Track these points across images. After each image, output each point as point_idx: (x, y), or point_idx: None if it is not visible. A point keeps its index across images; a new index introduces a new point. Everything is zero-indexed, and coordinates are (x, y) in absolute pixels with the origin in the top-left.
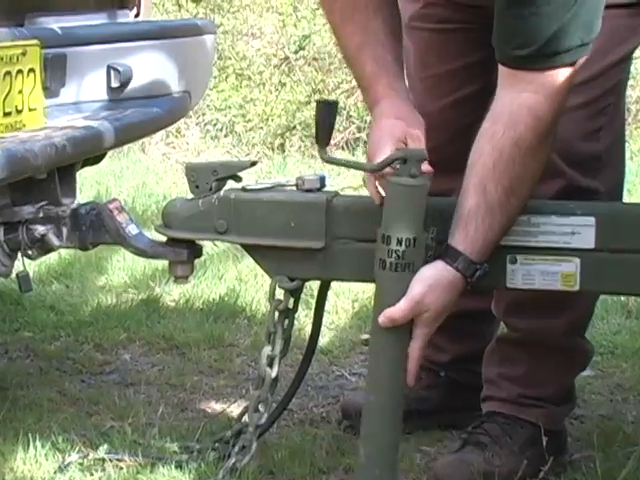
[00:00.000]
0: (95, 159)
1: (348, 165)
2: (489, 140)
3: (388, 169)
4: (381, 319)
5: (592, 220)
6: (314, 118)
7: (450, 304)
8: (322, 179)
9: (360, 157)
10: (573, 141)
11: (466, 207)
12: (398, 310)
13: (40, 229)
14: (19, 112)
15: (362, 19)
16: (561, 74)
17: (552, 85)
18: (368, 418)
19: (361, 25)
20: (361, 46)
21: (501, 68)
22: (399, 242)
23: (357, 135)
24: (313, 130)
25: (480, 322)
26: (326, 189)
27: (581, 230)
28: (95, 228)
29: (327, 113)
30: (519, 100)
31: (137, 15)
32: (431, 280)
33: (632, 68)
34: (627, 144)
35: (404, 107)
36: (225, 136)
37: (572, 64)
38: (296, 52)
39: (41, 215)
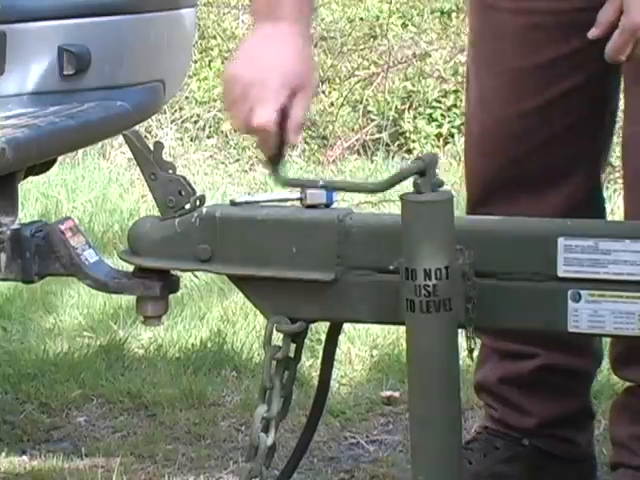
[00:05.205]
0: (42, 166)
1: (347, 188)
2: None
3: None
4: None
5: None
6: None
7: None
8: (329, 193)
9: (380, 163)
10: None
11: None
12: None
13: None
14: None
15: None
16: None
17: None
18: None
19: None
20: None
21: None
22: (427, 275)
23: (377, 136)
24: (321, 129)
25: (575, 380)
26: (336, 205)
27: None
28: (42, 255)
29: None
30: None
31: None
32: None
33: None
34: None
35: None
36: (208, 137)
37: None
38: None
39: None
